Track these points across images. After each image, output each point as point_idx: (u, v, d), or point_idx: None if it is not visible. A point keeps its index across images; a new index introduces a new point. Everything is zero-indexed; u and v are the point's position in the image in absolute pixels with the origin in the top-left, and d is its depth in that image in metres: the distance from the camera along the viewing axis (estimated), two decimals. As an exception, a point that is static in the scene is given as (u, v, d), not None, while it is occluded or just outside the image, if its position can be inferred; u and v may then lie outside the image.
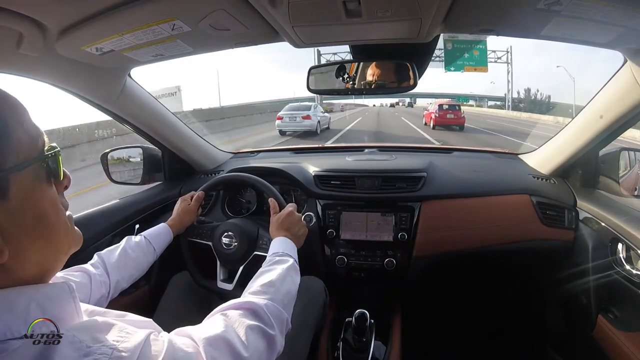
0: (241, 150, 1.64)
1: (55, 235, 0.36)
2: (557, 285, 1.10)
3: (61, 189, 0.39)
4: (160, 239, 0.87)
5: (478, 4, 0.62)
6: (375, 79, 0.98)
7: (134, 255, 0.79)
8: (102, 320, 0.36)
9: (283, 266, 0.68)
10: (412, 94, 61.48)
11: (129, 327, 0.36)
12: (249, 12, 0.62)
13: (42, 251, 0.35)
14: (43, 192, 0.35)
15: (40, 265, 0.36)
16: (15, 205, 0.32)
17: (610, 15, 0.58)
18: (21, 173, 0.33)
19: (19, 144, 0.33)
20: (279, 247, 0.76)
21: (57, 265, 0.38)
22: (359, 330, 0.91)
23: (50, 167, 0.36)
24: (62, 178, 0.38)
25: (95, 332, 0.33)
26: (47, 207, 0.35)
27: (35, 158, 0.34)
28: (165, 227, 0.90)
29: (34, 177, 0.34)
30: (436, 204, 1.10)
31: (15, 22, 0.58)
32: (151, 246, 0.84)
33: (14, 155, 0.32)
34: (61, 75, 0.82)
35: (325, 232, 1.12)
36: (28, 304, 0.32)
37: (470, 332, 1.35)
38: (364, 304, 0.96)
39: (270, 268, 0.67)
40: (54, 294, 0.35)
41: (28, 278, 0.34)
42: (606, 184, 1.05)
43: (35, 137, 0.35)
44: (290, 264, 0.70)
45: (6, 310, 0.31)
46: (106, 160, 1.19)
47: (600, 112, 0.91)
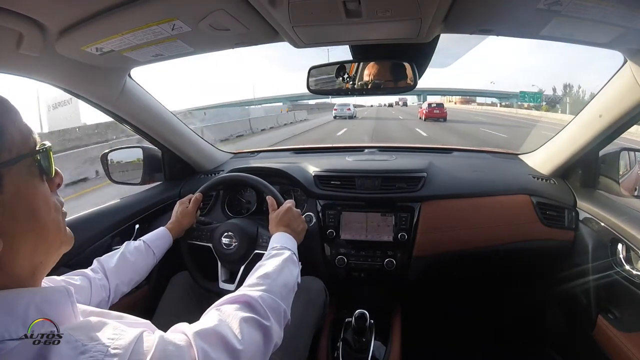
0: (241, 150, 1.64)
1: (46, 230, 0.37)
2: (557, 285, 1.10)
3: (54, 187, 0.40)
4: (160, 242, 0.88)
5: (478, 4, 0.61)
6: (375, 79, 0.98)
7: (133, 259, 0.80)
8: (97, 320, 0.37)
9: (279, 258, 0.68)
10: (422, 90, 60.94)
11: (123, 326, 0.37)
12: (249, 12, 0.62)
13: (33, 246, 0.36)
14: (35, 188, 0.37)
15: (31, 261, 0.37)
16: (8, 199, 0.33)
17: (610, 15, 0.58)
18: (14, 168, 0.34)
19: (12, 140, 0.35)
20: (277, 241, 0.76)
21: (48, 261, 0.39)
22: (359, 330, 0.91)
23: (42, 164, 0.38)
24: (53, 175, 0.40)
25: (90, 331, 0.34)
26: (39, 203, 0.37)
27: (28, 154, 0.36)
28: (165, 231, 0.91)
29: (27, 173, 0.36)
30: (436, 204, 1.10)
31: (15, 22, 0.58)
32: (150, 250, 0.85)
33: (7, 151, 0.34)
34: (61, 75, 0.82)
35: (325, 232, 1.12)
36: (27, 306, 0.33)
37: (470, 332, 1.35)
38: (363, 304, 0.96)
39: (266, 262, 0.67)
40: (53, 298, 0.36)
41: (20, 274, 0.36)
42: (606, 184, 1.05)
43: (27, 135, 0.37)
44: (287, 256, 0.70)
45: (5, 312, 0.32)
46: (106, 160, 1.19)
47: (600, 112, 0.91)
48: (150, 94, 1.08)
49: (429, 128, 13.99)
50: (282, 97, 62.96)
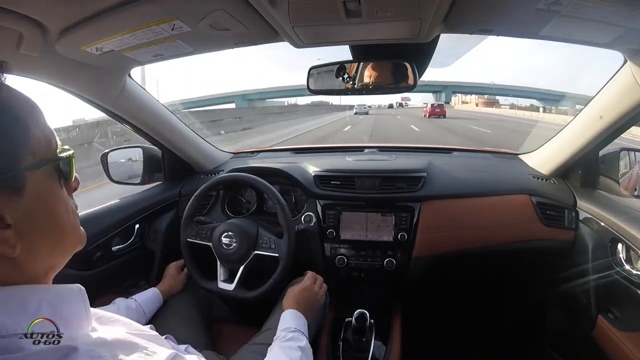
0: (241, 150, 1.65)
1: (65, 234, 0.37)
2: (557, 285, 1.10)
3: (70, 190, 0.40)
4: (151, 304, 0.91)
5: (478, 4, 0.61)
6: (375, 79, 0.98)
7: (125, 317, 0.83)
8: (123, 338, 0.37)
9: (299, 344, 0.73)
10: (445, 84, 55.04)
11: (151, 346, 0.37)
12: (249, 12, 0.62)
13: (51, 248, 0.36)
14: (55, 192, 0.36)
15: (47, 262, 0.37)
16: (30, 203, 0.33)
17: (610, 15, 0.58)
18: (36, 172, 0.34)
19: (37, 143, 0.34)
20: (291, 322, 0.79)
21: (62, 262, 0.39)
22: (359, 330, 0.91)
23: (63, 169, 0.37)
24: (72, 180, 0.39)
25: (115, 349, 0.34)
26: (60, 207, 0.36)
27: (51, 158, 0.36)
28: (156, 292, 0.95)
29: (48, 177, 0.35)
30: (436, 204, 1.10)
31: (15, 22, 0.58)
32: (141, 309, 0.88)
33: (31, 154, 0.33)
34: (61, 75, 0.82)
35: (325, 232, 1.12)
36: (40, 302, 0.33)
37: (470, 332, 1.35)
38: (364, 304, 0.96)
39: (286, 350, 0.71)
40: (67, 295, 0.36)
41: (35, 274, 0.35)
42: (606, 184, 1.05)
43: (50, 137, 0.37)
44: (304, 344, 0.74)
45: (18, 308, 0.32)
46: (106, 160, 1.19)
47: (600, 112, 0.91)
48: (150, 94, 1.08)
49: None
50: (236, 95, 49.92)
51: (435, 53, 0.96)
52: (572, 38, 0.71)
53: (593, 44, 0.73)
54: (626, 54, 0.76)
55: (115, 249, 1.09)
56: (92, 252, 0.99)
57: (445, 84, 57.90)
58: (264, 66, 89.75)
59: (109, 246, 1.06)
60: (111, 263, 1.06)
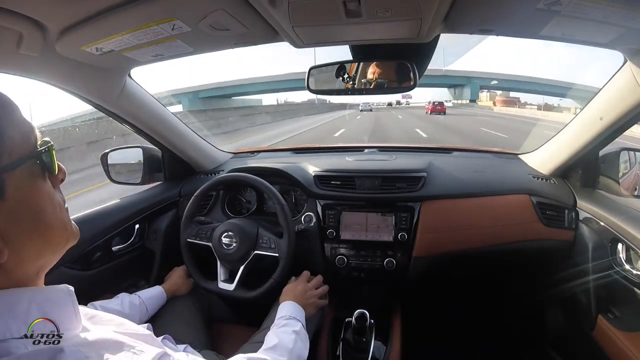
0: (241, 150, 1.64)
1: (52, 231, 0.36)
2: (557, 285, 1.10)
3: (57, 182, 0.39)
4: (154, 301, 0.91)
5: (478, 4, 0.62)
6: (375, 78, 0.98)
7: (127, 312, 0.82)
8: (111, 337, 0.36)
9: (290, 329, 0.74)
10: (468, 74, 43.25)
11: (138, 345, 0.36)
12: (249, 12, 0.62)
13: (40, 248, 0.35)
14: (39, 188, 0.35)
15: (37, 262, 0.36)
16: (13, 205, 0.32)
17: (610, 15, 0.58)
18: (16, 171, 0.32)
19: (12, 142, 0.33)
20: (286, 310, 0.81)
21: (53, 260, 0.38)
22: (359, 330, 0.91)
23: (45, 162, 0.36)
24: (56, 172, 0.38)
25: (102, 349, 0.33)
26: (44, 203, 0.35)
27: (29, 155, 0.34)
28: (160, 291, 0.94)
29: (29, 174, 0.34)
30: (436, 204, 1.10)
31: (15, 22, 0.58)
32: (144, 306, 0.87)
33: (7, 154, 0.32)
34: (61, 75, 0.82)
35: (325, 232, 1.12)
36: (29, 305, 0.33)
37: (470, 332, 1.35)
38: (364, 304, 0.96)
39: (280, 335, 0.72)
40: (55, 297, 0.36)
41: (25, 276, 0.35)
42: (606, 184, 1.05)
43: (27, 133, 0.35)
44: (298, 328, 0.76)
45: (7, 311, 0.32)
46: (106, 160, 1.19)
47: (600, 112, 0.91)
48: (150, 94, 1.08)
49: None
50: (183, 94, 38.34)
51: (435, 53, 0.96)
52: (572, 38, 0.71)
53: (593, 44, 0.73)
54: (626, 54, 0.76)
55: (115, 249, 1.09)
56: (92, 252, 0.99)
57: (468, 76, 46.09)
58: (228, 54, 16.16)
59: (109, 246, 1.06)
60: (111, 263, 1.06)
